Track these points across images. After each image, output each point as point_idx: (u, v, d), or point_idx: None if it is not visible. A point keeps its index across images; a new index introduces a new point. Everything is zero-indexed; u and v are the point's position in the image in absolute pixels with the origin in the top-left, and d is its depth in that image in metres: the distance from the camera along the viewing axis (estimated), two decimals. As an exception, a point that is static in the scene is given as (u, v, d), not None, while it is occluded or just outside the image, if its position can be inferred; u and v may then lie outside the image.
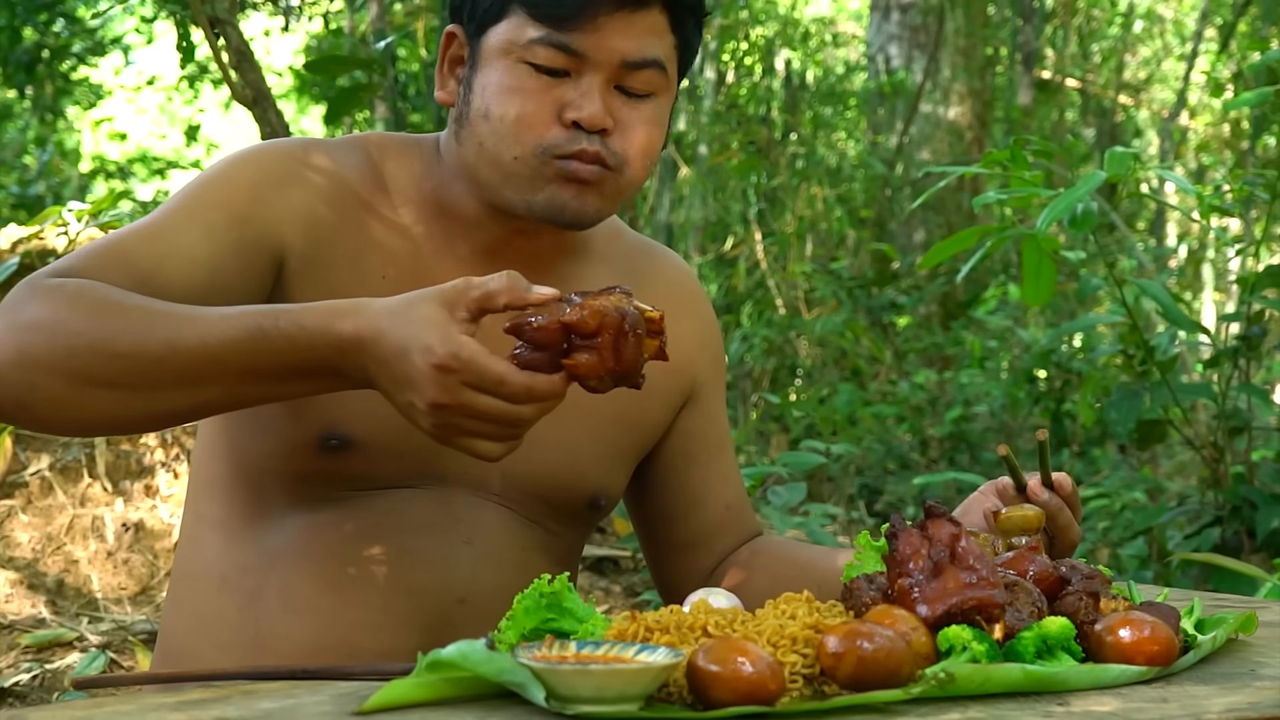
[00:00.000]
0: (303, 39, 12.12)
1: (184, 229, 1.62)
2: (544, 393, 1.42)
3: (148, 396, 1.47)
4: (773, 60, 11.39)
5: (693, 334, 1.91)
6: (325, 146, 1.77)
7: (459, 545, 1.72)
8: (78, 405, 1.47)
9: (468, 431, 1.43)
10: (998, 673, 1.24)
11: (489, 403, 1.40)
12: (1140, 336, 3.64)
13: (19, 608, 3.37)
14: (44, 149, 12.50)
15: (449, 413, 1.41)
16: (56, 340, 1.45)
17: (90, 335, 1.45)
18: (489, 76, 1.67)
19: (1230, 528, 3.62)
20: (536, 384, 1.41)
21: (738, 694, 1.14)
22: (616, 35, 1.65)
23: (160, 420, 1.53)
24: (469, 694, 1.18)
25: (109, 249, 1.57)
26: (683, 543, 1.92)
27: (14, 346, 1.46)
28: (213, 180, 1.69)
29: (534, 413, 1.43)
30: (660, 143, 1.73)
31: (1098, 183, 2.98)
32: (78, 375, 1.45)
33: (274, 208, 1.67)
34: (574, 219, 1.68)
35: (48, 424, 1.53)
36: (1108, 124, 13.36)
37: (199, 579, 1.75)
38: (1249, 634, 1.51)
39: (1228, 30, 10.87)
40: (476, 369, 1.39)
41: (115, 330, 1.45)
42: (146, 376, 1.46)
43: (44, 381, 1.45)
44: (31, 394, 1.47)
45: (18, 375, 1.46)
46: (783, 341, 8.09)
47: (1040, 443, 1.71)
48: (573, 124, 1.64)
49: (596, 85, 1.65)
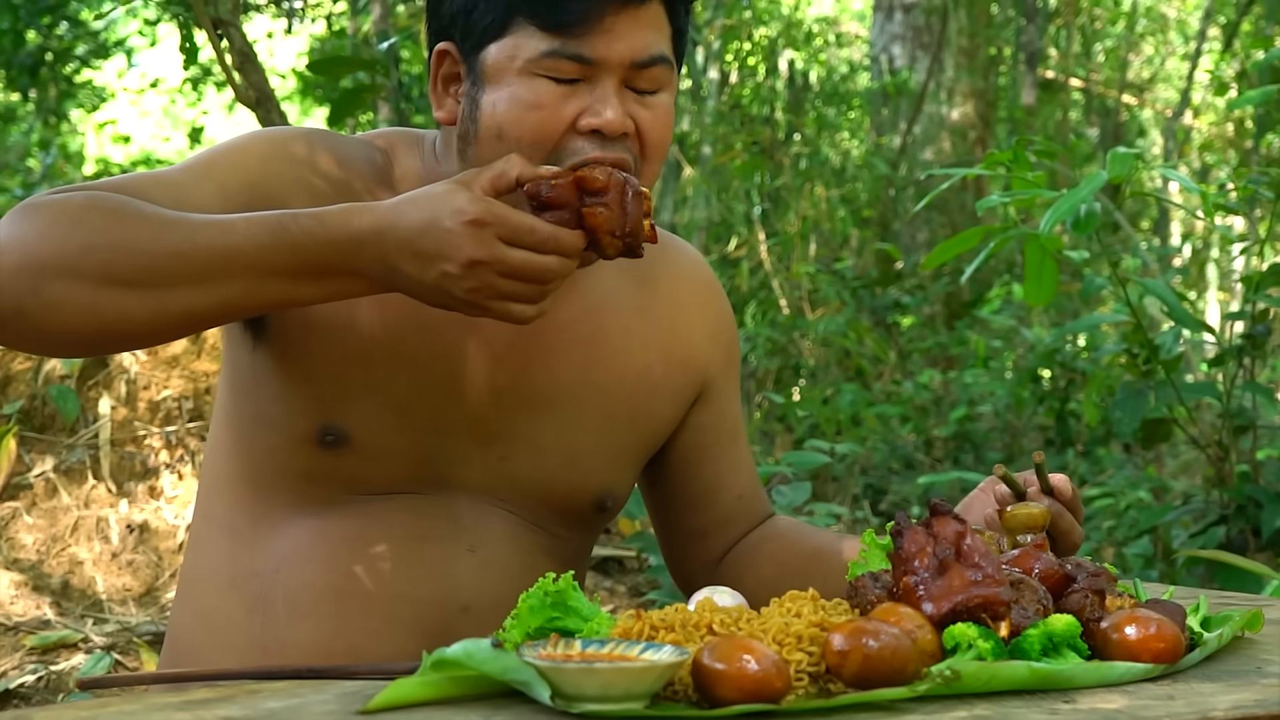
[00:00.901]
0: (306, 41, 12.13)
1: (199, 183, 1.62)
2: (569, 244, 1.50)
3: (166, 294, 1.45)
4: (776, 60, 11.38)
5: (706, 328, 1.90)
6: (334, 140, 1.77)
7: (462, 553, 1.71)
8: (90, 307, 1.44)
9: (501, 293, 1.49)
10: (1003, 670, 1.24)
11: (521, 256, 1.48)
12: (1144, 336, 3.63)
13: (24, 609, 3.37)
14: (48, 152, 12.50)
15: (485, 270, 1.47)
16: (70, 240, 1.43)
17: (108, 234, 1.44)
18: (497, 95, 1.64)
19: (1235, 526, 3.62)
20: (562, 234, 1.50)
21: (743, 692, 1.14)
22: (624, 37, 1.64)
23: (174, 323, 1.49)
24: (474, 693, 1.18)
25: (122, 183, 1.55)
26: (696, 531, 1.92)
27: (18, 250, 1.43)
28: (228, 147, 1.70)
29: (559, 266, 1.50)
30: (671, 136, 1.73)
31: (1100, 184, 2.97)
32: (93, 273, 1.43)
33: (284, 181, 1.67)
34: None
35: (49, 332, 1.46)
36: (1111, 123, 13.35)
37: (207, 580, 1.75)
38: (1255, 631, 1.51)
39: (1231, 29, 10.87)
40: (509, 221, 1.48)
41: (135, 228, 1.45)
42: (167, 272, 1.45)
43: (53, 284, 1.42)
44: (35, 298, 1.43)
45: (22, 280, 1.43)
46: (786, 342, 8.08)
47: (1037, 465, 1.71)
48: (591, 131, 1.63)
49: (611, 90, 1.64)
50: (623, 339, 1.81)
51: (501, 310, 1.51)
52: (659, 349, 1.84)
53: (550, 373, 1.75)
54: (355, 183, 1.73)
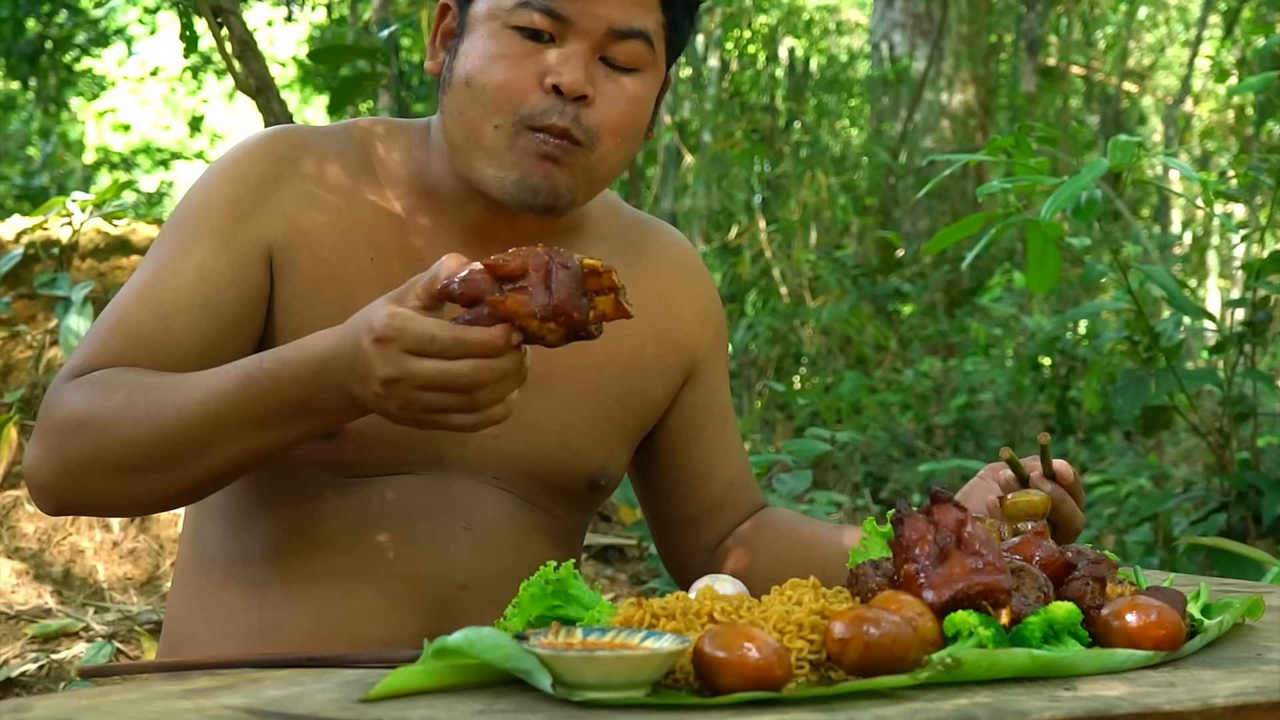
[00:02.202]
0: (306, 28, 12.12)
1: (177, 279, 1.65)
2: (476, 343, 1.36)
3: (178, 472, 1.54)
4: (776, 48, 11.38)
5: (694, 309, 1.91)
6: (310, 134, 1.78)
7: (458, 531, 1.72)
8: (127, 493, 1.57)
9: (429, 406, 1.40)
10: (1004, 658, 1.24)
11: (431, 366, 1.37)
12: (1145, 323, 3.63)
13: (25, 598, 3.37)
14: (48, 140, 12.49)
15: (401, 386, 1.39)
16: (88, 441, 1.54)
17: (113, 429, 1.53)
18: (473, 43, 1.67)
19: (1236, 513, 3.62)
20: (467, 335, 1.36)
21: (744, 680, 1.14)
22: (604, 2, 1.64)
23: (199, 489, 1.59)
24: (475, 681, 1.18)
25: (115, 328, 1.63)
26: (688, 517, 1.92)
27: (53, 458, 1.57)
28: (195, 210, 1.71)
29: (479, 370, 1.38)
30: (639, 125, 1.71)
31: (1101, 171, 2.97)
32: (115, 468, 1.54)
33: (253, 214, 1.69)
34: (546, 202, 1.67)
35: (110, 513, 1.70)
36: (1112, 110, 13.34)
37: (202, 567, 1.76)
38: (1255, 618, 1.51)
39: (1232, 16, 10.85)
40: (409, 332, 1.37)
41: (130, 419, 1.53)
42: (169, 455, 1.53)
43: (89, 481, 1.56)
44: (83, 494, 1.58)
45: (67, 483, 1.57)
46: (787, 329, 8.09)
47: (1042, 446, 1.71)
48: (553, 89, 1.63)
49: (581, 51, 1.64)
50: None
51: (443, 423, 1.43)
52: (649, 329, 1.85)
53: (541, 351, 1.75)
54: (338, 173, 1.73)
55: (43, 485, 1.60)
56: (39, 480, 1.60)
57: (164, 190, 13.83)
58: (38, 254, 3.78)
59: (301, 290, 1.67)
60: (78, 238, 3.82)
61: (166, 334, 1.63)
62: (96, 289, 3.69)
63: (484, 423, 1.43)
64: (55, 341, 3.69)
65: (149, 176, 14.31)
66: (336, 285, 1.67)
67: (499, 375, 1.39)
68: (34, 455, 1.59)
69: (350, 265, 1.68)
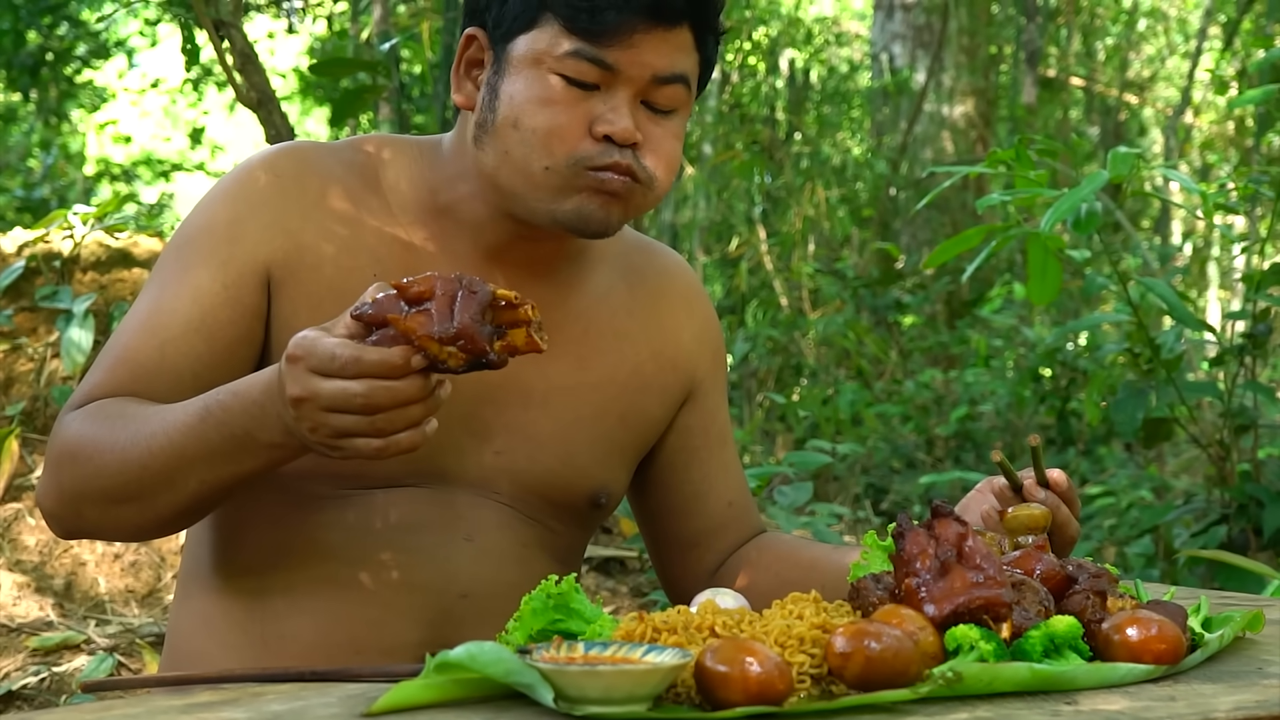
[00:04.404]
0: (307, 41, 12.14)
1: (175, 304, 1.67)
2: (372, 363, 1.36)
3: (148, 502, 1.58)
4: (776, 60, 11.39)
5: (692, 330, 1.92)
6: (315, 151, 1.78)
7: (460, 541, 1.72)
8: (114, 521, 1.63)
9: (335, 430, 1.41)
10: (1005, 672, 1.24)
11: (333, 386, 1.38)
12: (1146, 335, 3.63)
13: (26, 610, 3.38)
14: (48, 152, 12.51)
15: (307, 407, 1.40)
16: (78, 471, 1.60)
17: (96, 461, 1.58)
18: (517, 85, 1.66)
19: (1237, 526, 3.62)
20: (365, 354, 1.36)
21: (746, 694, 1.14)
22: (650, 51, 1.65)
23: (170, 522, 1.62)
24: (478, 695, 1.18)
25: (117, 357, 1.67)
26: (686, 540, 1.92)
27: (54, 486, 1.63)
28: (196, 232, 1.73)
29: (369, 390, 1.37)
30: (680, 157, 1.74)
31: (1102, 183, 2.98)
32: (100, 497, 1.60)
33: (251, 234, 1.70)
34: (599, 229, 1.68)
35: (106, 539, 1.76)
36: (1112, 122, 13.35)
37: (205, 579, 1.76)
38: (1256, 632, 1.51)
39: (1232, 27, 10.86)
40: (314, 351, 1.38)
41: (108, 449, 1.58)
42: (142, 486, 1.57)
43: (84, 508, 1.62)
44: (80, 520, 1.65)
45: (67, 509, 1.63)
46: (787, 341, 8.09)
47: (1033, 448, 1.71)
48: (604, 138, 1.65)
49: (626, 100, 1.65)
50: (614, 338, 1.82)
51: (349, 448, 1.42)
52: (649, 349, 1.86)
53: (544, 370, 1.76)
54: (341, 190, 1.74)
55: (49, 511, 1.66)
56: (45, 507, 1.66)
57: (165, 202, 13.84)
58: (39, 267, 3.79)
59: (302, 307, 1.68)
60: (79, 250, 3.82)
61: (162, 361, 1.65)
62: (98, 302, 3.70)
63: (389, 449, 1.42)
64: (57, 354, 3.69)
65: (150, 188, 14.32)
66: (338, 303, 1.67)
67: (399, 398, 1.38)
68: (41, 483, 1.66)
69: (353, 283, 1.68)
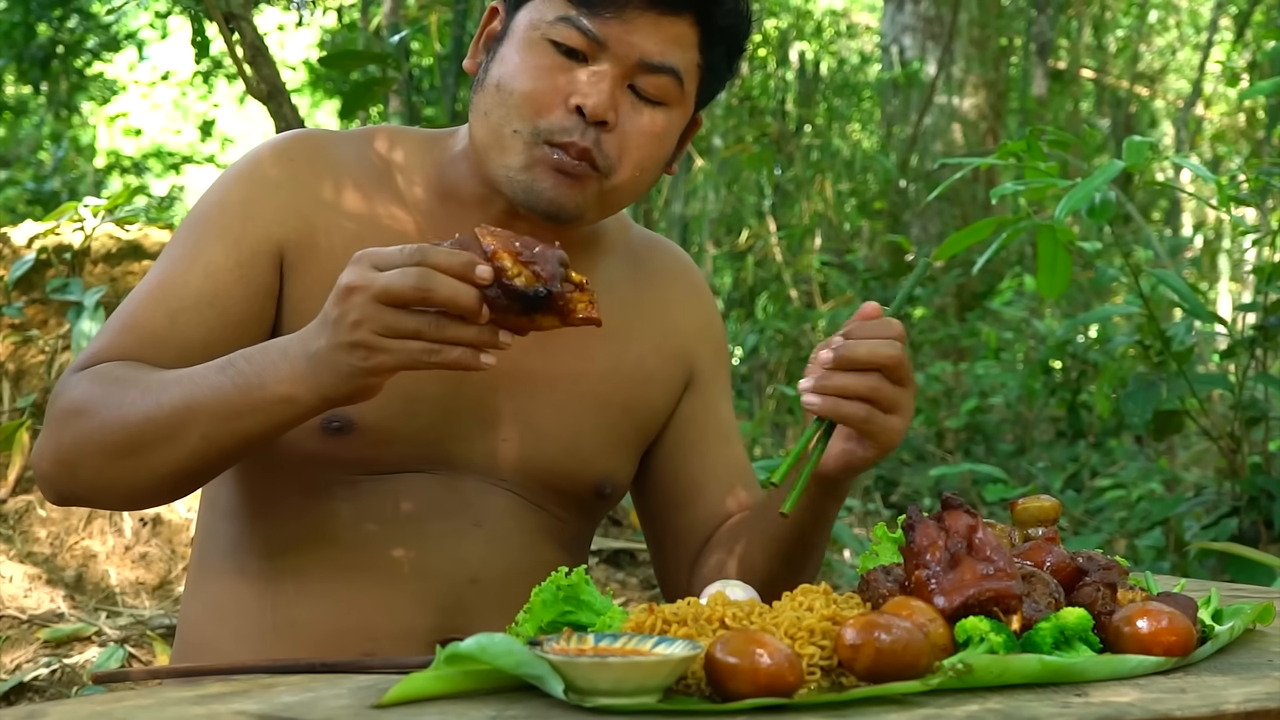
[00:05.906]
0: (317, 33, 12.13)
1: (187, 277, 1.69)
2: (438, 258, 1.39)
3: (145, 458, 1.56)
4: (786, 52, 11.37)
5: (695, 323, 1.94)
6: (328, 138, 1.81)
7: (469, 527, 1.73)
8: (108, 480, 1.60)
9: (384, 325, 1.41)
10: (1015, 664, 1.24)
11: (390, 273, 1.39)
12: (1156, 327, 3.63)
13: (37, 602, 3.38)
14: (59, 145, 12.51)
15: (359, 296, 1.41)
16: (80, 426, 1.59)
17: (99, 416, 1.58)
18: (510, 50, 1.69)
19: (1247, 518, 3.61)
20: (432, 250, 1.40)
21: (756, 686, 1.14)
22: (641, 33, 1.66)
23: (165, 483, 1.60)
24: (488, 687, 1.18)
25: (124, 325, 1.68)
26: (681, 530, 1.91)
27: (52, 444, 1.63)
28: (209, 210, 1.74)
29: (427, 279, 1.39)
30: (658, 158, 1.73)
31: (1115, 172, 2.97)
32: (98, 452, 1.58)
33: (264, 214, 1.72)
34: (550, 208, 1.68)
35: (97, 503, 1.71)
36: (1122, 114, 13.32)
37: (215, 567, 1.77)
38: (1266, 624, 1.51)
39: (1243, 19, 10.84)
40: (377, 251, 1.42)
41: (115, 405, 1.57)
42: (144, 437, 1.55)
43: (79, 467, 1.61)
44: (75, 482, 1.63)
45: (62, 469, 1.62)
46: (797, 334, 8.09)
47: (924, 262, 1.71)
48: (576, 110, 1.65)
49: (609, 76, 1.66)
50: (617, 329, 1.82)
51: (395, 350, 1.42)
52: (652, 340, 1.88)
53: (549, 359, 1.77)
54: (355, 175, 1.76)
55: (43, 473, 1.65)
56: (40, 468, 1.65)
57: (175, 194, 13.84)
58: (50, 259, 3.79)
59: (314, 290, 1.69)
60: (90, 243, 3.83)
61: (172, 330, 1.66)
62: (109, 294, 3.70)
63: (439, 356, 1.42)
64: (67, 346, 3.70)
65: (160, 180, 14.32)
66: None
67: (457, 297, 1.39)
68: (38, 443, 1.65)
69: None
